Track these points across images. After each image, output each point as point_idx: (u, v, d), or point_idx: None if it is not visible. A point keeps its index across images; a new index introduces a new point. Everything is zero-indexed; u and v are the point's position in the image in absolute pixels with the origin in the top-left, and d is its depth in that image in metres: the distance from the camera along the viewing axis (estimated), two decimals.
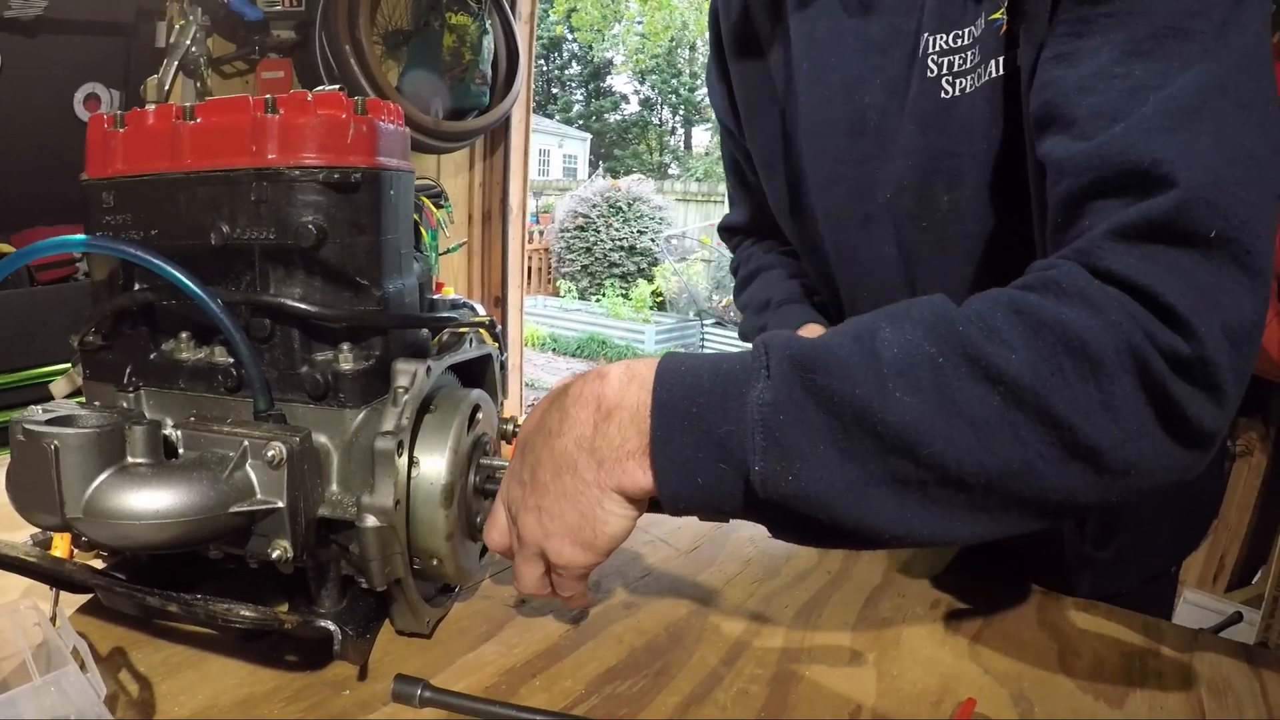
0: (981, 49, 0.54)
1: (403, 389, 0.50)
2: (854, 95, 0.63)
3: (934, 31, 0.56)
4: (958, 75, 0.55)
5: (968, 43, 0.54)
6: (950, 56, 0.55)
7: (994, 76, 0.53)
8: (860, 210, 0.64)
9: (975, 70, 0.54)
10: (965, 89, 0.55)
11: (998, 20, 0.52)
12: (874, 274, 0.66)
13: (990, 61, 0.53)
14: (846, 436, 0.40)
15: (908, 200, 0.60)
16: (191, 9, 2.05)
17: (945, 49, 0.55)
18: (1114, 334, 0.38)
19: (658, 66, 21.42)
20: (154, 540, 0.45)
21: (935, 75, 0.56)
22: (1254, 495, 2.10)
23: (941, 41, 0.55)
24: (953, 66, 0.55)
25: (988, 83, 0.54)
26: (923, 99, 0.57)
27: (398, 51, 2.56)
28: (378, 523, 0.48)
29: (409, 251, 0.56)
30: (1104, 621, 0.63)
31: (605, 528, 0.45)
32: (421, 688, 0.47)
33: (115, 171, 0.52)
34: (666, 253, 9.05)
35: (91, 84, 2.17)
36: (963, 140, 0.56)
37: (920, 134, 0.58)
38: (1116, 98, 0.43)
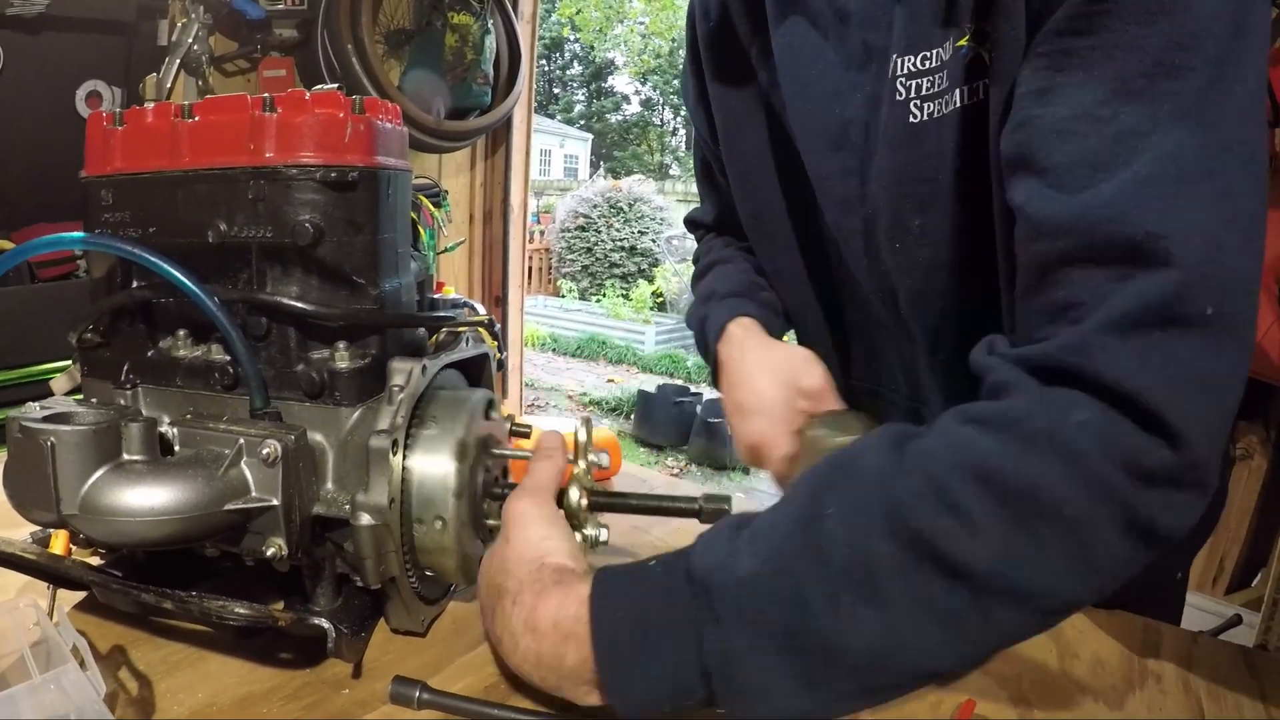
0: (949, 75, 0.50)
1: (398, 387, 0.50)
2: (834, 109, 0.60)
3: (902, 53, 0.52)
4: (926, 99, 0.52)
5: (935, 66, 0.51)
6: (918, 80, 0.52)
7: (961, 105, 0.50)
8: (853, 222, 0.62)
9: (943, 95, 0.51)
10: (933, 114, 0.52)
11: (964, 48, 0.48)
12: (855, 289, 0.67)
13: (957, 90, 0.50)
14: (810, 668, 0.38)
15: (885, 219, 0.58)
16: (194, 7, 2.05)
17: (913, 71, 0.52)
18: (1093, 489, 0.36)
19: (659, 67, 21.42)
20: (149, 537, 0.45)
21: (904, 98, 0.53)
22: (1254, 498, 2.10)
23: (910, 64, 0.52)
24: (920, 90, 0.52)
25: (955, 111, 0.51)
26: (893, 121, 0.54)
27: (400, 51, 2.56)
28: (372, 521, 0.48)
29: (406, 250, 0.56)
30: (1103, 623, 0.63)
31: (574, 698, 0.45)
32: (420, 689, 0.47)
33: (114, 169, 0.52)
34: (667, 253, 9.05)
35: (93, 81, 2.17)
36: (931, 166, 0.53)
37: (891, 155, 0.55)
38: (1099, 145, 0.39)
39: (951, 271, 0.56)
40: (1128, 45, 0.39)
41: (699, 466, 4.60)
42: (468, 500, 0.53)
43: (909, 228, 0.56)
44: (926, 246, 0.56)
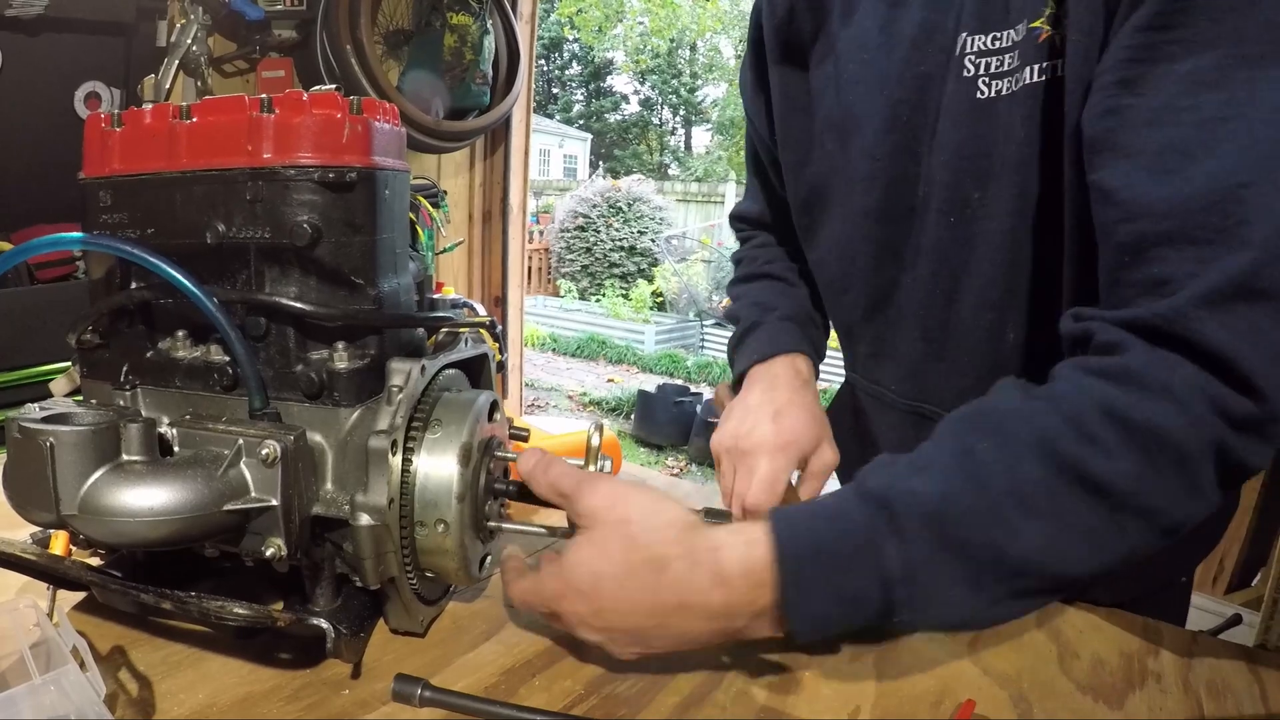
0: (1021, 54, 0.54)
1: (397, 388, 0.50)
2: (886, 91, 0.64)
3: (973, 32, 0.56)
4: (995, 77, 0.56)
5: (1007, 46, 0.55)
6: (989, 58, 0.56)
7: (1031, 82, 0.54)
8: (903, 204, 0.66)
9: (1014, 74, 0.55)
10: (1001, 91, 0.56)
11: (1037, 28, 0.52)
12: (916, 266, 0.68)
13: (1028, 68, 0.53)
14: (979, 574, 0.44)
15: (941, 195, 0.62)
16: (193, 8, 2.05)
17: (984, 50, 0.56)
18: (1199, 429, 0.42)
19: (658, 67, 21.43)
20: (148, 537, 0.45)
21: (972, 75, 0.57)
22: (1254, 498, 2.10)
23: (980, 42, 0.56)
24: (989, 68, 0.56)
25: (1025, 88, 0.54)
26: (958, 97, 0.58)
27: (399, 51, 2.56)
28: (371, 521, 0.48)
29: (404, 251, 0.56)
30: (1103, 623, 0.63)
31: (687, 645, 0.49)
32: (421, 687, 0.47)
33: (112, 170, 0.52)
34: (666, 253, 9.05)
35: (92, 83, 2.17)
36: (996, 141, 0.57)
37: (953, 131, 0.59)
38: (1187, 133, 0.44)
39: (1011, 244, 0.59)
40: (1206, 39, 0.44)
41: (699, 466, 4.61)
42: (470, 503, 0.53)
43: (969, 201, 0.60)
44: (987, 219, 0.59)
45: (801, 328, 0.81)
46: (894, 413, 0.75)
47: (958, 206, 0.61)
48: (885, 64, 0.64)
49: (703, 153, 21.83)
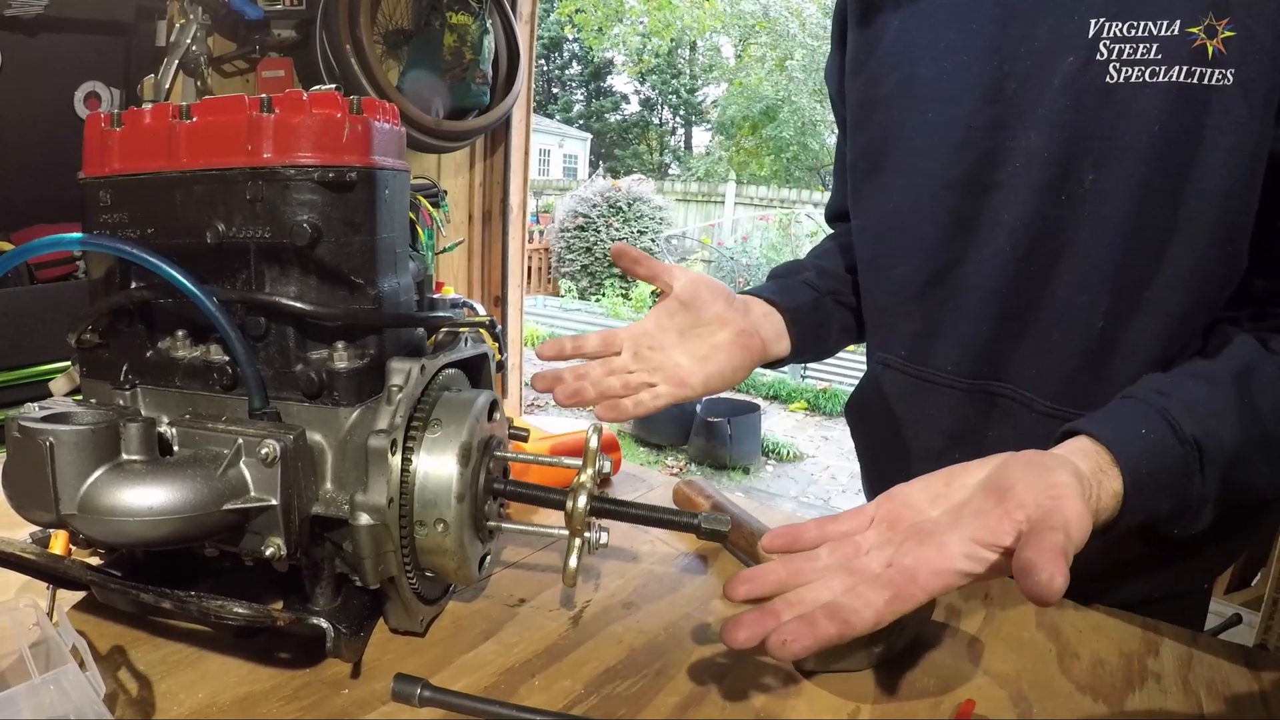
0: (1164, 50, 0.56)
1: (397, 387, 0.50)
2: (993, 62, 0.64)
3: (1110, 18, 0.58)
4: (1127, 64, 0.58)
5: (1144, 36, 0.57)
6: (1124, 45, 0.58)
7: (1175, 81, 0.56)
8: (988, 177, 0.66)
9: (1151, 65, 0.57)
10: (1131, 78, 0.58)
11: (1194, 34, 0.55)
12: (990, 241, 0.67)
13: (1176, 67, 0.56)
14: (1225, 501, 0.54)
15: (1045, 172, 0.63)
16: (192, 8, 2.05)
17: (1120, 36, 0.58)
18: None
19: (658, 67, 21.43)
20: (148, 536, 0.44)
21: (1105, 59, 0.58)
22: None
23: (1117, 29, 0.58)
24: (1122, 54, 0.58)
25: (1167, 84, 0.56)
26: (1085, 78, 0.59)
27: (398, 51, 2.56)
28: (371, 521, 0.48)
29: (404, 250, 0.56)
30: (1103, 622, 0.63)
31: None
32: (421, 687, 0.47)
33: (112, 170, 0.52)
34: (667, 253, 9.05)
35: (92, 82, 2.17)
36: (1119, 126, 0.59)
37: (1074, 110, 0.60)
38: None
39: (1125, 231, 0.61)
40: None
41: (699, 466, 4.61)
42: (469, 502, 0.53)
43: (1081, 181, 0.61)
44: (1099, 203, 0.61)
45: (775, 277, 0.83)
46: (951, 393, 0.73)
47: (1069, 185, 0.62)
48: (996, 35, 0.64)
49: (703, 153, 21.82)
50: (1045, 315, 0.66)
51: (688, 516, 0.56)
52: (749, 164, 17.43)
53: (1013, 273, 0.66)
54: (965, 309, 0.70)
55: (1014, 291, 0.67)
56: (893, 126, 0.73)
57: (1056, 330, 0.66)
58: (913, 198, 0.72)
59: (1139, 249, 0.61)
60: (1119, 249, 0.62)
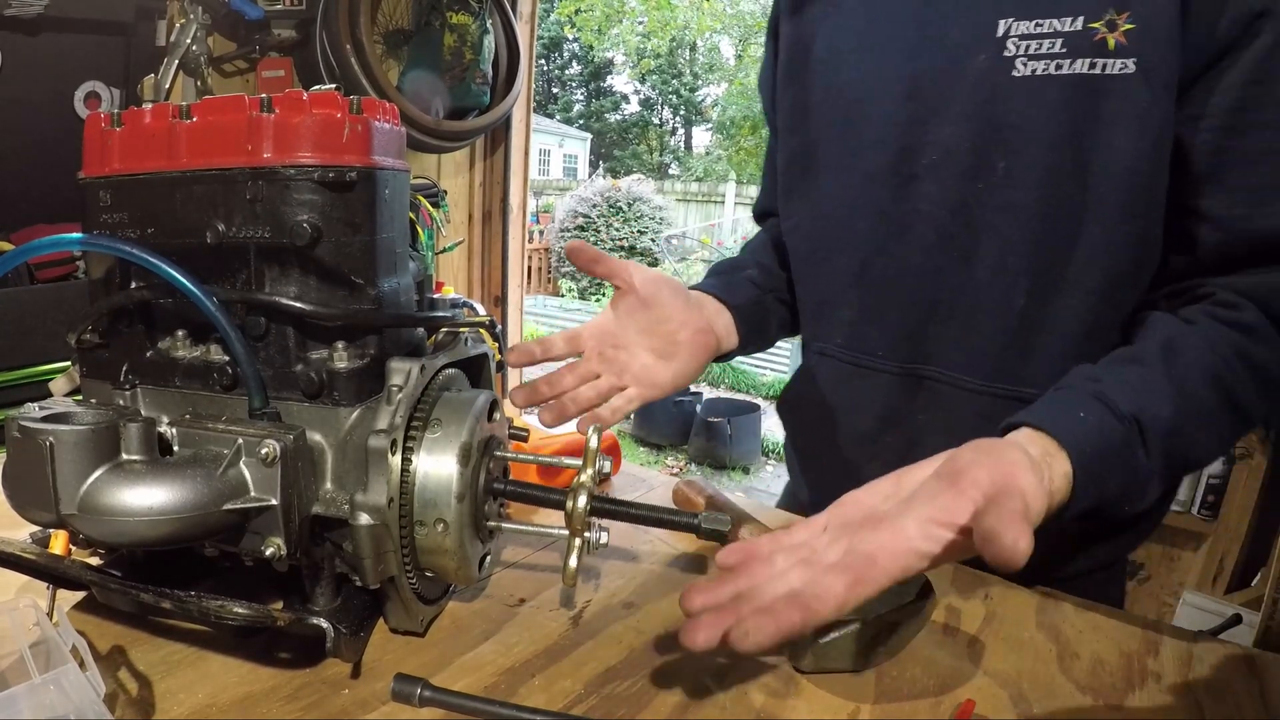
0: (1068, 44, 0.61)
1: (397, 387, 0.50)
2: (910, 62, 0.69)
3: (1018, 17, 0.63)
4: (1034, 58, 0.62)
5: (1048, 32, 0.61)
6: (1030, 41, 0.62)
7: (1080, 73, 0.61)
8: (909, 170, 0.70)
9: (1056, 59, 0.61)
10: (1038, 71, 0.62)
11: (1096, 29, 0.60)
12: (914, 230, 0.71)
13: (1079, 59, 0.60)
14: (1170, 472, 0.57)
15: (961, 162, 0.67)
16: (192, 7, 2.05)
17: (1027, 34, 0.62)
18: None
19: (658, 67, 21.42)
20: (148, 536, 0.44)
21: (1012, 55, 0.63)
22: (1253, 497, 2.10)
23: (1024, 27, 0.62)
24: (1029, 49, 0.62)
25: (1071, 75, 0.61)
26: (994, 73, 0.64)
27: (398, 51, 2.56)
28: (371, 521, 0.48)
29: (404, 250, 0.56)
30: (1103, 622, 0.63)
31: None
32: (421, 687, 0.47)
33: (112, 170, 0.52)
34: (666, 253, 9.05)
35: (92, 82, 2.17)
36: (1028, 115, 0.63)
37: (986, 103, 0.65)
38: None
39: (1035, 214, 0.65)
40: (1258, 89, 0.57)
41: (699, 466, 4.61)
42: (469, 502, 0.53)
43: (994, 169, 0.65)
44: (1011, 189, 0.65)
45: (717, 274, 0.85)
46: (883, 377, 0.76)
47: (983, 173, 0.66)
48: (913, 37, 0.69)
49: (703, 153, 21.82)
50: (969, 298, 0.70)
51: (688, 516, 0.56)
52: (749, 164, 17.42)
53: (936, 259, 0.70)
54: (895, 296, 0.74)
55: (938, 277, 0.71)
56: (823, 128, 0.77)
57: (980, 311, 0.69)
58: (842, 193, 0.76)
59: (1052, 230, 0.65)
60: (1033, 230, 0.65)
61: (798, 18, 0.79)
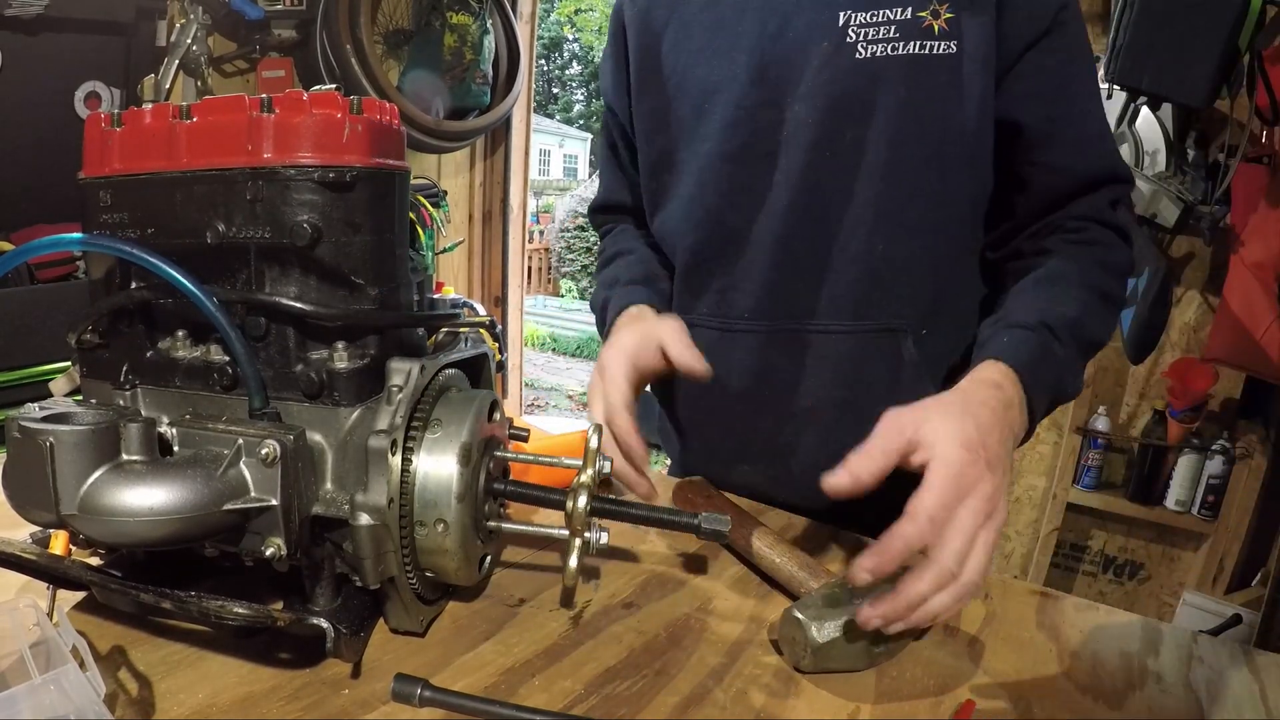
0: (900, 30, 0.72)
1: (397, 388, 0.50)
2: (756, 53, 0.78)
3: (856, 9, 0.74)
4: (872, 43, 0.73)
5: (883, 20, 0.73)
6: (868, 29, 0.74)
7: (912, 54, 0.72)
8: (763, 148, 0.79)
9: (891, 43, 0.73)
10: (876, 54, 0.73)
11: (924, 17, 0.72)
12: (778, 199, 0.79)
13: (911, 42, 0.72)
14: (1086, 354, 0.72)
15: (811, 134, 0.76)
16: (192, 8, 2.05)
17: (865, 23, 0.74)
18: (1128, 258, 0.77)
19: None
20: (148, 537, 0.44)
21: (853, 40, 0.74)
22: (1253, 498, 2.10)
23: (862, 17, 0.74)
24: (867, 35, 0.74)
25: (905, 55, 0.72)
26: (839, 57, 0.74)
27: (399, 51, 2.56)
28: (371, 521, 0.48)
29: (404, 251, 0.56)
30: (1103, 622, 0.63)
31: None
32: (421, 687, 0.47)
33: (112, 170, 0.52)
34: None
35: (92, 82, 2.17)
36: (871, 90, 0.74)
37: (832, 82, 0.75)
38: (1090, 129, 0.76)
39: (886, 174, 0.76)
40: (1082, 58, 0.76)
41: None
42: (469, 502, 0.53)
43: (843, 138, 0.76)
44: (859, 153, 0.76)
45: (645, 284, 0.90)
46: (749, 337, 0.83)
47: (833, 144, 0.76)
48: (757, 33, 0.78)
49: None
50: (826, 251, 0.79)
51: (688, 516, 0.56)
52: None
53: (794, 221, 0.79)
54: (758, 260, 0.81)
55: (798, 238, 0.79)
56: (678, 124, 0.85)
57: (840, 262, 0.78)
58: (698, 175, 0.84)
59: (898, 184, 0.76)
60: (882, 187, 0.76)
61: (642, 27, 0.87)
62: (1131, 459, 2.33)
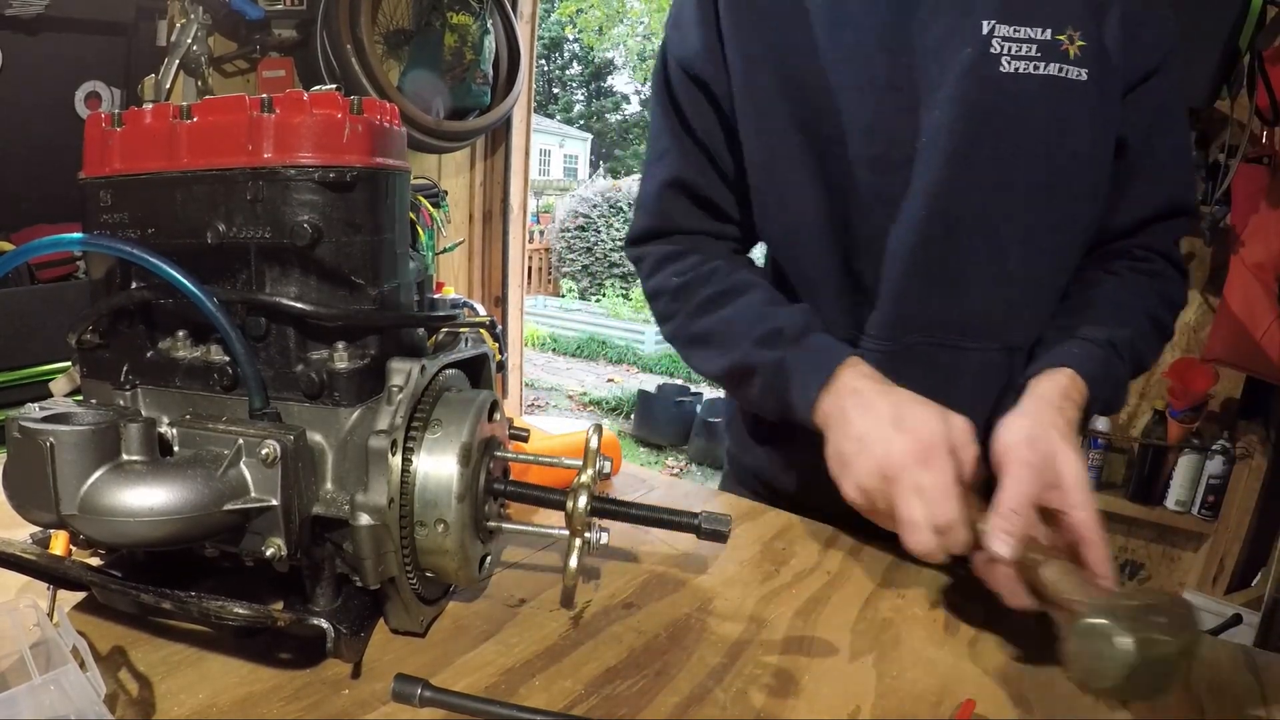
0: (1041, 50, 0.72)
1: (397, 388, 0.50)
2: (892, 55, 0.75)
3: (1000, 21, 0.72)
4: (1016, 58, 0.72)
5: (1026, 38, 0.72)
6: (1012, 43, 0.72)
7: (1052, 75, 0.72)
8: (900, 154, 0.75)
9: (1033, 61, 0.72)
10: (1020, 70, 0.72)
11: (1062, 40, 0.72)
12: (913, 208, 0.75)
13: (1050, 64, 0.72)
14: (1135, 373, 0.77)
15: (952, 144, 0.73)
16: (193, 7, 2.05)
17: (1009, 37, 0.72)
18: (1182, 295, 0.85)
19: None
20: (148, 537, 0.44)
21: (998, 53, 0.72)
22: (1253, 498, 2.10)
23: (1006, 30, 0.72)
24: (1011, 50, 0.72)
25: (1044, 76, 0.72)
26: (983, 67, 0.72)
27: (399, 51, 2.57)
28: (371, 521, 0.48)
29: (405, 251, 0.56)
30: None
31: None
32: (421, 687, 0.47)
33: (113, 170, 0.52)
34: None
35: (92, 82, 2.17)
36: (1012, 104, 0.73)
37: (976, 91, 0.72)
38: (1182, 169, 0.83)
39: (1019, 190, 0.75)
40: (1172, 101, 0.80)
41: (699, 466, 4.61)
42: (470, 503, 0.53)
43: (982, 151, 0.74)
44: (997, 169, 0.74)
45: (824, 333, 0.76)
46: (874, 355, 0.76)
47: (972, 154, 0.73)
48: (891, 33, 0.74)
49: None
50: (962, 267, 0.77)
51: (688, 517, 0.56)
52: None
53: (930, 233, 0.75)
54: (889, 273, 0.78)
55: (933, 251, 0.76)
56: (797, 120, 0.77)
57: (972, 278, 0.77)
58: (828, 179, 0.78)
59: (1034, 204, 0.76)
60: (1020, 203, 0.76)
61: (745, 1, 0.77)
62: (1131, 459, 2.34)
